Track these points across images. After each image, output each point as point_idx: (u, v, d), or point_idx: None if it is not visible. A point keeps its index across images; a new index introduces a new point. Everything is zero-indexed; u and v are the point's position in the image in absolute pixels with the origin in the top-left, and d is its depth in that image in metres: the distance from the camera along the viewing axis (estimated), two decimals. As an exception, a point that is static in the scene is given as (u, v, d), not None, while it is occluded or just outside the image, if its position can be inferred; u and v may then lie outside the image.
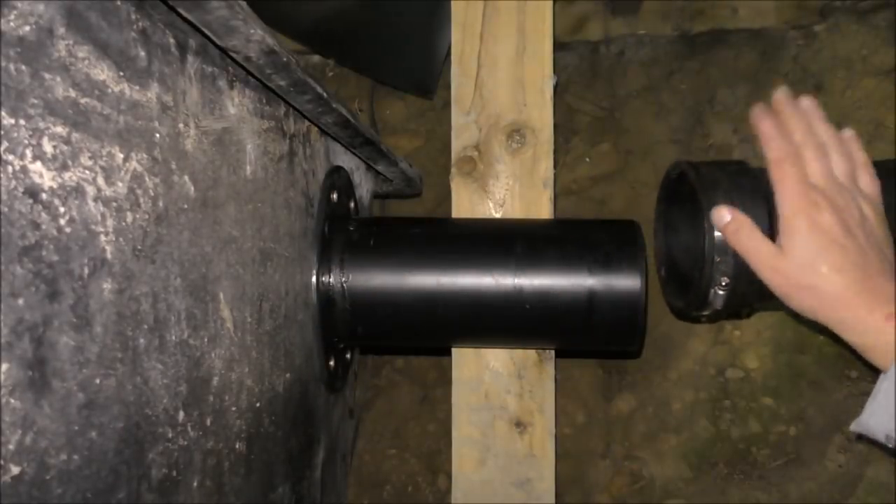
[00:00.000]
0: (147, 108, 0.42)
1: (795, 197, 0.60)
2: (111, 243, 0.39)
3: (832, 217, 0.59)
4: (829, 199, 0.59)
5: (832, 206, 0.59)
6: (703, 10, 1.13)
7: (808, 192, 0.60)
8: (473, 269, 0.74)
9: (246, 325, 0.57)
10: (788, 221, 0.60)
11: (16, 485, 0.32)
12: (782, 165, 0.61)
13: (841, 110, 1.07)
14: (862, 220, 0.60)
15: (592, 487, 1.11)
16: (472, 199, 0.90)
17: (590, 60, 1.16)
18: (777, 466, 1.06)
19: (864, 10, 1.08)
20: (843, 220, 0.59)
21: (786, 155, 0.61)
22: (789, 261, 0.59)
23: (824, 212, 0.59)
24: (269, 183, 0.62)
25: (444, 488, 1.12)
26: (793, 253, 0.59)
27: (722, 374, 1.08)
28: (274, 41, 0.49)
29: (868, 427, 0.56)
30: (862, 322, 0.56)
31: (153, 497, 0.43)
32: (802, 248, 0.59)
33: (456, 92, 0.90)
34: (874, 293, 0.56)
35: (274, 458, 0.64)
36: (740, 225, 0.63)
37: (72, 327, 0.35)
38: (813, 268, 0.58)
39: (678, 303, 0.76)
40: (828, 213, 0.59)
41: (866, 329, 0.56)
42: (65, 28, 0.35)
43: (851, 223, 0.59)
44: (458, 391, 0.90)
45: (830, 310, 0.58)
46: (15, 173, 0.32)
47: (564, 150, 1.15)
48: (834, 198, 0.60)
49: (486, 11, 0.90)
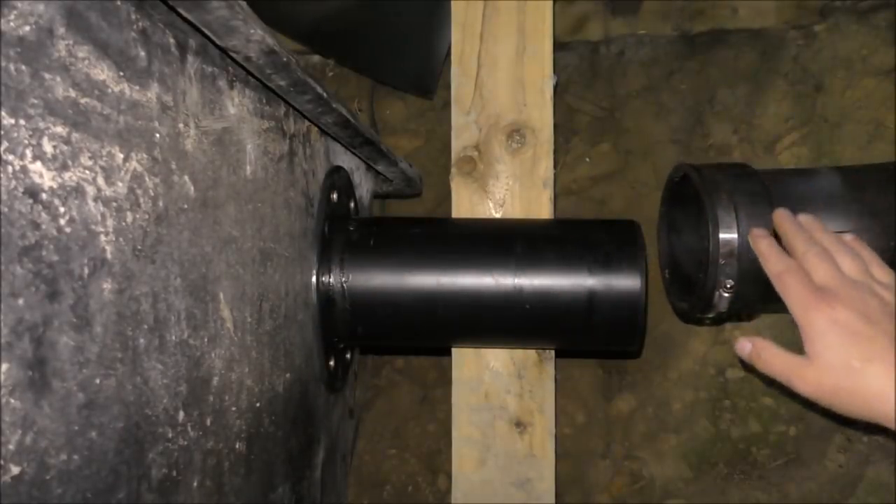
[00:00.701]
0: (147, 108, 0.42)
1: (803, 301, 0.59)
2: (111, 243, 0.39)
3: (848, 311, 0.57)
4: (840, 295, 0.58)
5: (846, 300, 0.58)
6: (703, 10, 1.13)
7: (815, 294, 0.59)
8: (473, 269, 0.74)
9: (246, 325, 0.57)
10: (805, 327, 0.59)
11: (16, 485, 0.32)
12: (783, 278, 0.61)
13: (841, 110, 1.07)
14: (883, 307, 0.58)
15: (592, 487, 1.11)
16: (472, 199, 0.90)
17: (590, 60, 1.16)
18: (777, 466, 1.06)
19: (864, 10, 1.08)
20: (862, 311, 0.57)
21: (785, 267, 0.62)
22: (818, 365, 0.57)
23: (838, 307, 0.57)
24: (269, 183, 0.62)
25: (444, 488, 1.12)
26: (820, 357, 0.57)
27: (722, 374, 1.08)
28: (274, 41, 0.49)
29: None
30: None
31: (153, 497, 0.43)
32: (827, 349, 0.57)
33: (456, 92, 0.90)
34: None
35: (274, 458, 0.64)
36: (761, 349, 0.62)
37: (72, 327, 0.35)
38: (845, 365, 0.56)
39: (682, 305, 0.76)
40: (842, 308, 0.57)
41: None
42: (65, 28, 0.35)
43: (872, 312, 0.57)
44: (458, 391, 0.90)
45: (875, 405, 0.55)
46: (15, 173, 0.32)
47: (564, 150, 1.15)
48: (847, 292, 0.58)
49: (486, 11, 0.90)
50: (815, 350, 0.58)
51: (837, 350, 0.56)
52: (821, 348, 0.57)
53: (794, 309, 0.60)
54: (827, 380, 0.57)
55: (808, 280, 0.60)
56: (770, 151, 1.09)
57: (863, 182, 0.75)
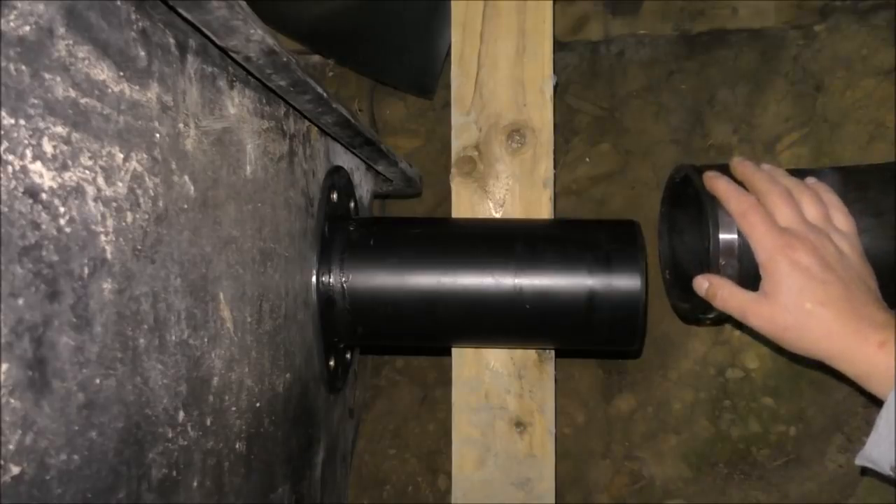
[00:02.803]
0: (147, 108, 0.42)
1: (768, 241, 0.62)
2: (111, 243, 0.39)
3: (808, 255, 0.60)
4: (802, 238, 0.61)
5: (807, 246, 0.60)
6: (703, 10, 1.13)
7: (780, 235, 0.61)
8: (473, 269, 0.74)
9: (246, 325, 0.57)
10: (766, 265, 0.62)
11: (16, 485, 0.32)
12: (747, 216, 0.63)
13: (841, 110, 1.07)
14: (839, 255, 0.61)
15: (592, 487, 1.11)
16: (472, 199, 0.90)
17: (590, 60, 1.16)
18: (777, 466, 1.06)
19: (864, 10, 1.08)
20: (820, 257, 0.60)
21: (748, 206, 0.64)
22: (773, 303, 0.61)
23: (799, 251, 0.60)
24: (269, 183, 0.62)
25: (444, 488, 1.12)
26: (776, 295, 0.61)
27: (722, 374, 1.08)
28: (274, 41, 0.49)
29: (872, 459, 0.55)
30: (855, 353, 0.56)
31: (153, 497, 0.43)
32: (784, 289, 0.60)
33: (456, 92, 0.90)
34: (863, 322, 0.57)
35: (274, 458, 0.64)
36: (718, 286, 0.66)
37: (72, 327, 0.35)
38: (798, 306, 0.59)
39: (683, 305, 0.76)
40: (803, 252, 0.60)
41: (860, 359, 0.56)
42: (65, 28, 0.35)
43: (829, 259, 0.60)
44: (458, 391, 0.90)
45: (822, 344, 0.58)
46: (15, 173, 0.32)
47: (564, 150, 1.15)
48: (807, 237, 0.61)
49: (486, 11, 0.90)
50: (773, 289, 0.61)
51: (794, 292, 0.59)
52: (779, 288, 0.60)
53: (757, 247, 0.62)
54: (780, 317, 0.60)
55: (771, 220, 0.63)
56: (770, 151, 1.09)
57: (864, 182, 0.75)
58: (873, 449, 0.55)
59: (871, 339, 0.55)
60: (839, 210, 0.66)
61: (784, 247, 0.61)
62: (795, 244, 0.61)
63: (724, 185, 0.67)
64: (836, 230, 0.64)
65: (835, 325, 0.57)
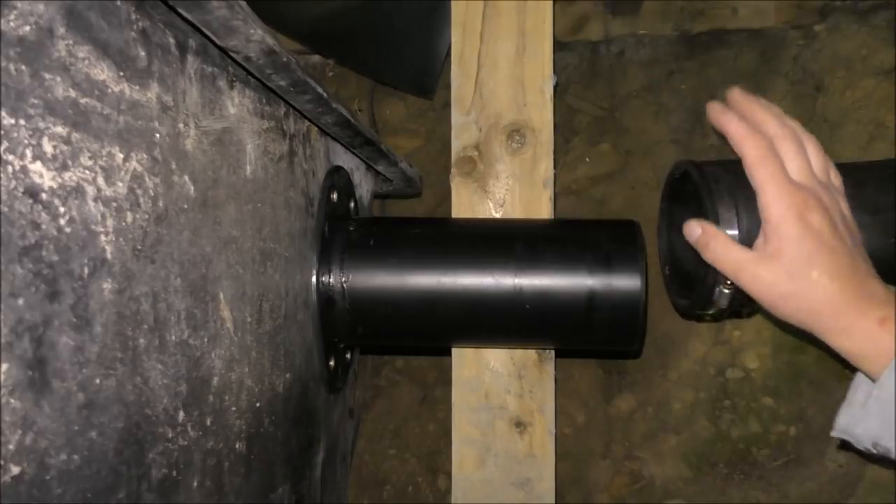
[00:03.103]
0: (147, 108, 0.42)
1: (784, 198, 0.55)
2: (111, 243, 0.39)
3: (822, 217, 0.54)
4: (816, 197, 0.55)
5: (821, 205, 0.55)
6: (703, 10, 1.13)
7: (796, 192, 0.55)
8: (473, 269, 0.74)
9: (246, 325, 0.57)
10: (776, 224, 0.55)
11: (16, 485, 0.32)
12: (765, 164, 0.56)
13: (841, 110, 1.07)
14: (842, 218, 0.56)
15: (592, 487, 1.11)
16: (472, 199, 0.90)
17: (590, 60, 1.16)
18: (777, 466, 1.06)
19: (864, 10, 1.08)
20: (830, 219, 0.55)
21: (766, 152, 0.57)
22: (776, 267, 0.55)
23: (813, 211, 0.54)
24: (269, 183, 0.62)
25: (444, 488, 1.12)
26: (779, 258, 0.55)
27: (722, 374, 1.08)
28: (274, 41, 0.49)
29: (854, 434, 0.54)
30: (853, 328, 0.53)
31: (153, 497, 0.43)
32: (791, 253, 0.54)
33: (456, 92, 0.90)
34: (865, 297, 0.53)
35: (274, 458, 0.64)
36: (711, 236, 0.59)
37: (72, 327, 0.35)
38: (803, 273, 0.54)
39: (683, 301, 0.76)
40: (817, 213, 0.54)
41: (859, 335, 0.53)
42: (65, 28, 0.35)
43: (838, 223, 0.55)
44: (458, 391, 0.90)
45: (822, 317, 0.54)
46: (15, 173, 0.32)
47: (564, 150, 1.15)
48: (820, 196, 0.56)
49: (486, 11, 0.90)
50: (778, 251, 0.55)
51: (803, 258, 0.54)
52: (785, 251, 0.55)
53: (769, 201, 0.56)
54: (781, 284, 0.55)
55: (785, 172, 0.56)
56: (770, 151, 1.09)
57: (863, 179, 0.75)
58: (857, 424, 0.53)
59: (870, 314, 0.52)
60: (832, 166, 0.60)
61: (798, 206, 0.54)
62: (810, 203, 0.54)
63: (735, 124, 0.59)
64: (835, 188, 0.59)
65: (839, 298, 0.53)
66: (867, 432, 0.53)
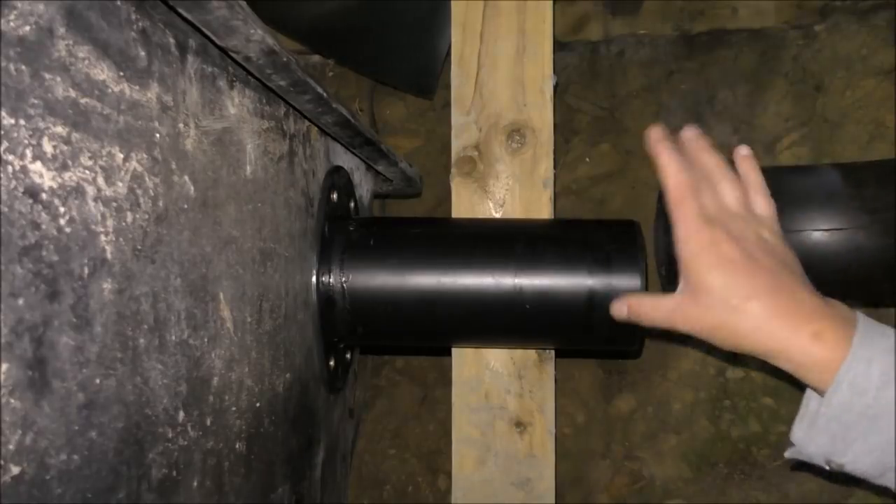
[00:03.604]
0: (147, 108, 0.42)
1: (695, 234, 0.57)
2: (111, 243, 0.39)
3: (732, 247, 0.56)
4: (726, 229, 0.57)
5: (730, 236, 0.57)
6: (703, 10, 1.13)
7: (705, 228, 0.57)
8: (473, 269, 0.74)
9: (246, 325, 0.57)
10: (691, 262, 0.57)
11: (16, 485, 0.32)
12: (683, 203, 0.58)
13: (841, 110, 1.07)
14: (760, 242, 0.58)
15: (592, 487, 1.11)
16: (472, 199, 0.90)
17: (590, 60, 1.16)
18: (777, 466, 1.06)
19: (864, 10, 1.08)
20: (742, 247, 0.56)
21: (686, 191, 0.59)
22: (698, 302, 0.57)
23: (723, 244, 0.56)
24: (269, 183, 0.62)
25: (444, 488, 1.12)
26: (700, 294, 0.56)
27: (722, 374, 1.08)
28: (274, 41, 0.49)
29: (809, 454, 0.54)
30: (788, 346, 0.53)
31: (153, 497, 0.43)
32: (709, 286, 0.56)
33: (456, 92, 0.90)
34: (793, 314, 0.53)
35: (274, 458, 0.64)
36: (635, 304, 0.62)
37: (72, 327, 0.35)
38: (724, 303, 0.55)
39: None
40: (727, 244, 0.56)
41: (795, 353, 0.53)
42: (65, 28, 0.35)
43: (751, 248, 0.57)
44: (458, 391, 0.90)
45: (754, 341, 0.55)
46: (15, 173, 0.32)
47: (564, 150, 1.15)
48: (729, 227, 0.57)
49: (486, 11, 0.90)
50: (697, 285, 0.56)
51: (720, 289, 0.55)
52: (702, 287, 0.56)
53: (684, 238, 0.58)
54: (708, 318, 0.56)
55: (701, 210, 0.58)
56: (770, 151, 1.09)
57: (862, 179, 0.75)
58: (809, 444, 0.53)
59: (802, 330, 0.52)
60: (760, 193, 0.62)
61: (705, 241, 0.56)
62: (719, 236, 0.56)
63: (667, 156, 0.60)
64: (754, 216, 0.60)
65: (763, 320, 0.54)
66: (819, 448, 0.53)
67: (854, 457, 0.51)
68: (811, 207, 0.74)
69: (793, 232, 0.73)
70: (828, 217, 0.74)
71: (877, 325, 0.53)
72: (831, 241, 0.74)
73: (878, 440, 0.50)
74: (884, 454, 0.50)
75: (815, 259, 0.73)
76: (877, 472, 0.51)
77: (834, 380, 0.51)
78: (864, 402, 0.50)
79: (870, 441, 0.50)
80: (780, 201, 0.72)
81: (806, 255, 0.73)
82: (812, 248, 0.74)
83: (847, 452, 0.51)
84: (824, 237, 0.74)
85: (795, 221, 0.74)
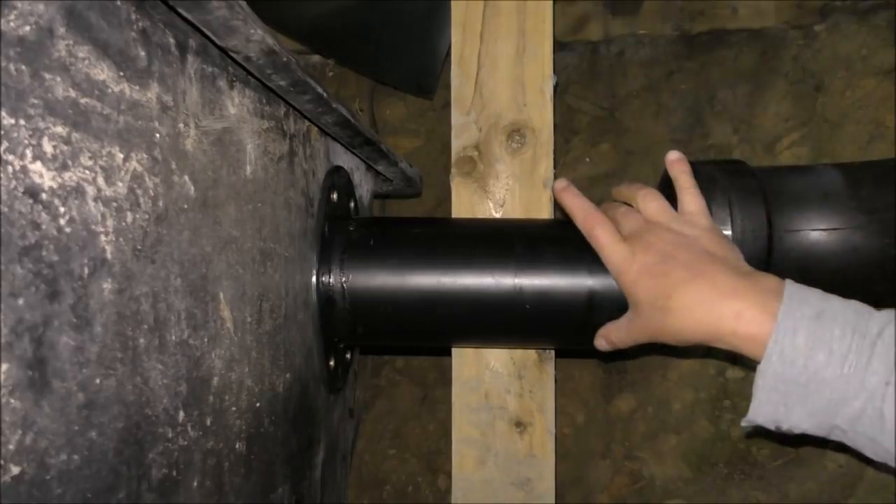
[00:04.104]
0: (147, 108, 0.42)
1: (613, 254, 0.63)
2: (111, 243, 0.39)
3: (646, 254, 0.61)
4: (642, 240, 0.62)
5: (645, 244, 0.61)
6: (703, 10, 1.13)
7: (620, 245, 0.63)
8: (473, 269, 0.74)
9: (246, 325, 0.57)
10: (619, 279, 0.63)
11: (16, 485, 0.32)
12: (595, 229, 0.65)
13: (841, 110, 1.07)
14: (678, 238, 0.61)
15: (592, 487, 1.11)
16: (472, 199, 0.90)
17: (590, 60, 1.16)
18: (777, 466, 1.06)
19: (864, 10, 1.08)
20: (657, 249, 0.60)
21: (596, 219, 0.66)
22: (640, 314, 0.62)
23: (638, 253, 0.61)
24: (269, 183, 0.62)
25: (444, 488, 1.12)
26: (637, 306, 0.62)
27: (722, 374, 1.08)
28: (274, 41, 0.49)
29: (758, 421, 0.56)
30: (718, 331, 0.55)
31: (153, 497, 0.43)
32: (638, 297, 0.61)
33: (456, 92, 0.90)
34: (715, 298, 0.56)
35: (274, 458, 0.64)
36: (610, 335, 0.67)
37: (72, 327, 0.35)
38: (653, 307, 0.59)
39: None
40: (641, 253, 0.61)
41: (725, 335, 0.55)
42: (65, 28, 0.35)
43: (668, 248, 0.60)
44: (458, 391, 0.90)
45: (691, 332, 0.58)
46: (15, 173, 0.32)
47: (564, 150, 1.15)
48: (645, 237, 0.62)
49: (486, 11, 0.90)
50: (634, 301, 0.62)
51: (646, 297, 0.60)
52: (636, 299, 0.62)
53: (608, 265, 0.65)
54: (651, 325, 0.61)
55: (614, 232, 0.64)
56: (770, 151, 1.09)
57: (861, 179, 0.75)
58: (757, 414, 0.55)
59: (725, 313, 0.55)
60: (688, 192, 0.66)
61: (627, 255, 0.62)
62: (636, 248, 0.62)
63: (569, 199, 0.69)
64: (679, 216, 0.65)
65: (688, 312, 0.57)
66: (765, 417, 0.55)
67: (798, 420, 0.54)
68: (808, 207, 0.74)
69: (790, 232, 0.73)
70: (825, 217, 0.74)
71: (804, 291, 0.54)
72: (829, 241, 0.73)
73: (816, 403, 0.52)
74: (825, 415, 0.52)
75: (812, 259, 0.73)
76: (822, 431, 0.54)
77: (764, 354, 0.53)
78: (795, 370, 0.52)
79: (808, 405, 0.53)
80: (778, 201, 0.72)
81: (803, 255, 0.73)
82: (809, 248, 0.74)
83: (791, 417, 0.54)
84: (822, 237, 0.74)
85: (793, 221, 0.74)
